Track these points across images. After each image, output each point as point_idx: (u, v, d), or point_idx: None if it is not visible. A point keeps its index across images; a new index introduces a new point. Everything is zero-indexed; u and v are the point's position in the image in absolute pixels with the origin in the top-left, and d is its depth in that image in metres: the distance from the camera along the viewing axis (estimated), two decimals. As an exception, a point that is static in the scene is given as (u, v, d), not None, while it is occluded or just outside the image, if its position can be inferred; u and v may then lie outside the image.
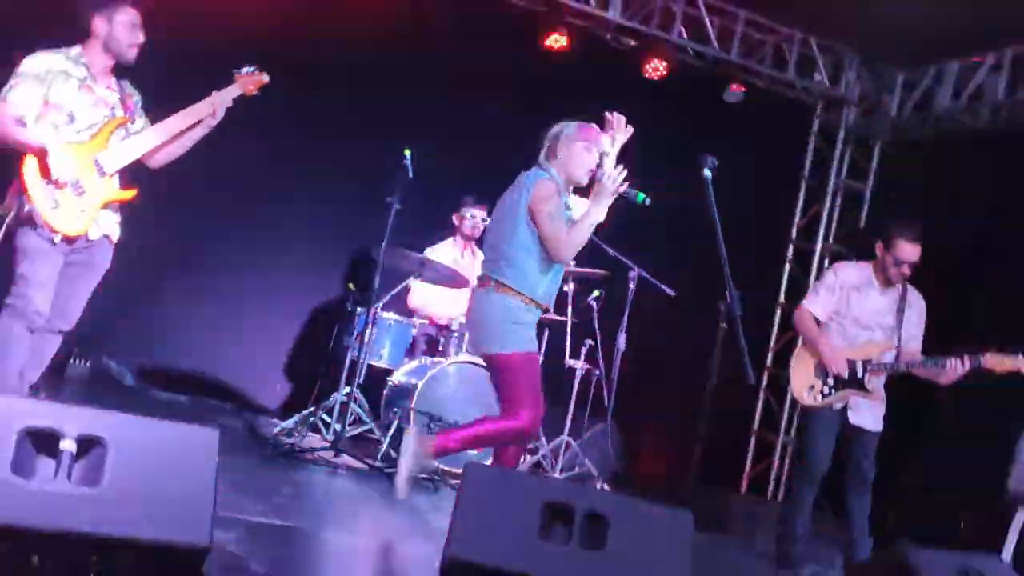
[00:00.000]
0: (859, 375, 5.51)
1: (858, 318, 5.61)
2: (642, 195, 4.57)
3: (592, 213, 4.53)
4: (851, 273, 5.71)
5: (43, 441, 2.64)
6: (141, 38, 4.71)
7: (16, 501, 2.53)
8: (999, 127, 8.46)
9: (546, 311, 4.79)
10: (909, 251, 5.51)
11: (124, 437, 2.70)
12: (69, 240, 4.53)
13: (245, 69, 4.91)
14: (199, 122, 4.81)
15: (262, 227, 7.70)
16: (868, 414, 5.58)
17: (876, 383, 5.54)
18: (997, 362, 5.29)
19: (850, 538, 5.58)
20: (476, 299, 4.75)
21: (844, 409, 5.55)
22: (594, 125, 4.72)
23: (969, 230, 5.72)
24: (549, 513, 3.26)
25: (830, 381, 5.53)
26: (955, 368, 5.35)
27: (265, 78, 4.93)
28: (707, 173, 4.36)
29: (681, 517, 3.39)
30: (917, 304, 5.71)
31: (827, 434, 5.55)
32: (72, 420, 2.68)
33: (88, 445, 2.67)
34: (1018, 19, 7.43)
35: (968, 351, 5.33)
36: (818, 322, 5.68)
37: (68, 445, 2.64)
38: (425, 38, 7.85)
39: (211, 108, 4.79)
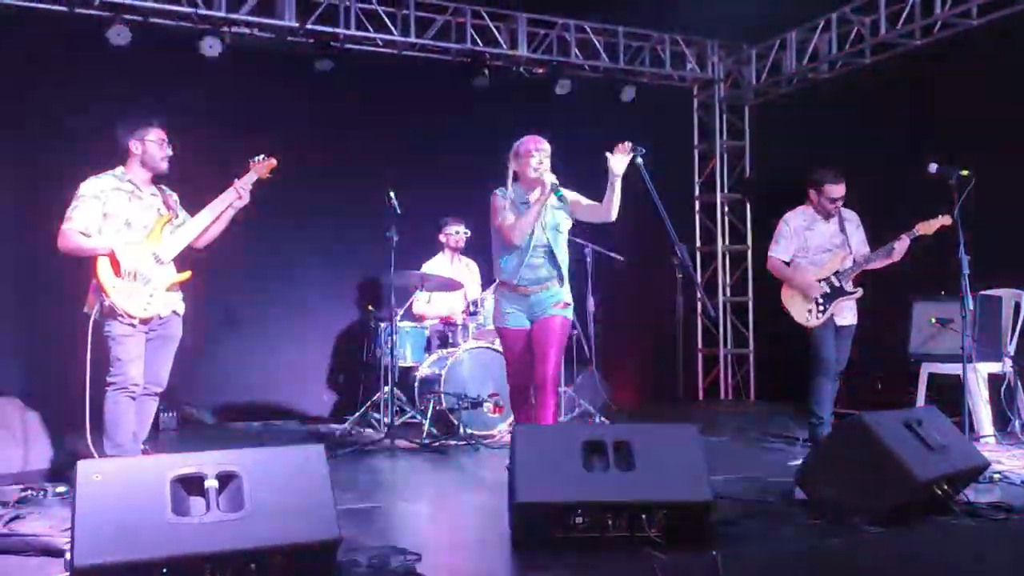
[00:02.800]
0: (838, 284, 5.59)
1: (819, 246, 5.69)
2: (559, 192, 4.57)
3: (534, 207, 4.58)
4: (797, 218, 5.75)
5: (191, 484, 2.62)
6: (170, 151, 4.64)
7: (183, 535, 2.51)
8: (836, 77, 8.57)
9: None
10: (835, 189, 5.62)
11: (253, 467, 2.68)
12: (145, 321, 4.49)
13: (258, 157, 4.85)
14: (229, 206, 4.76)
15: (286, 277, 7.68)
16: (848, 313, 5.67)
17: (851, 284, 5.62)
18: (926, 227, 5.43)
19: (821, 418, 5.59)
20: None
21: (832, 315, 5.61)
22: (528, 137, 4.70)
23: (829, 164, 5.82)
24: (587, 450, 3.29)
25: (820, 299, 5.59)
26: (901, 248, 5.48)
27: (274, 162, 4.86)
28: (639, 160, 4.38)
29: (688, 429, 3.43)
30: (853, 218, 5.81)
31: (829, 337, 5.61)
32: (209, 463, 2.66)
33: (227, 479, 2.65)
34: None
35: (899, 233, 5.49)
36: (786, 263, 5.73)
37: (211, 483, 2.62)
38: (388, 105, 7.88)
39: (237, 194, 4.73)
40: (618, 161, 4.45)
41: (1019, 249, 6.47)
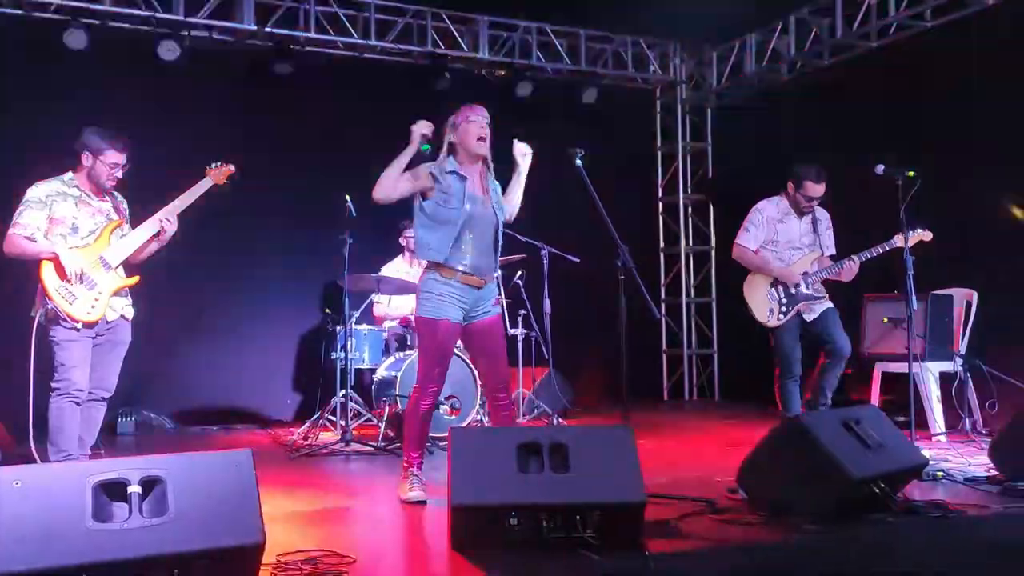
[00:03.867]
0: (804, 286, 5.53)
1: (789, 242, 5.58)
2: (427, 146, 4.21)
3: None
4: (771, 209, 5.63)
5: (113, 489, 2.60)
6: (119, 175, 4.61)
7: (104, 542, 2.49)
8: (796, 78, 8.63)
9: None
10: (815, 189, 5.51)
11: (178, 472, 2.66)
12: (90, 325, 4.47)
13: (214, 164, 4.83)
14: (161, 232, 4.66)
15: (246, 281, 7.69)
16: (817, 306, 5.55)
17: (819, 286, 5.58)
18: (903, 240, 5.32)
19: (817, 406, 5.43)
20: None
21: (799, 314, 5.54)
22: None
23: (792, 168, 5.81)
24: (522, 452, 3.30)
25: (784, 300, 5.51)
26: (850, 269, 5.43)
27: (231, 168, 4.86)
28: (578, 162, 4.37)
29: (624, 431, 3.44)
30: (825, 218, 5.71)
31: (794, 339, 5.50)
32: (133, 467, 2.64)
33: (150, 485, 2.63)
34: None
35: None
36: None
37: (134, 488, 2.60)
38: (348, 108, 7.86)
39: (159, 225, 4.62)
40: (521, 152, 4.34)
41: (972, 248, 6.54)
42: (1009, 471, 4.33)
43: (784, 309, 5.53)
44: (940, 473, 4.53)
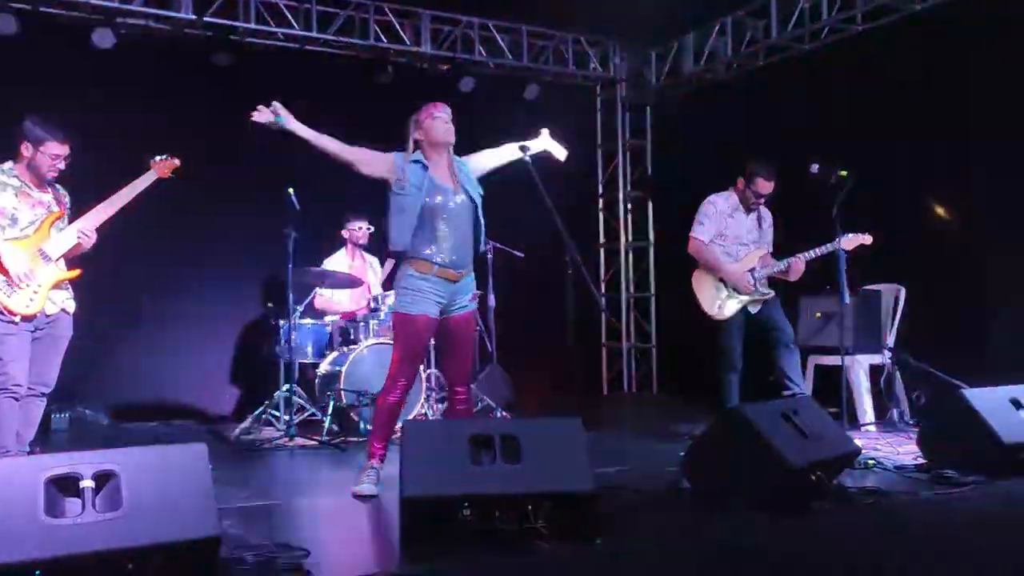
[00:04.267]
0: (753, 284, 5.62)
1: (737, 237, 5.66)
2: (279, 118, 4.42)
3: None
4: (722, 203, 5.69)
5: (66, 484, 2.59)
6: (61, 166, 4.52)
7: (57, 537, 2.48)
8: (732, 77, 8.81)
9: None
10: (765, 186, 5.60)
11: (132, 466, 2.66)
12: (28, 319, 4.39)
13: (159, 157, 4.77)
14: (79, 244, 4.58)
15: (186, 274, 7.53)
16: (759, 300, 5.65)
17: (765, 282, 5.66)
18: (848, 242, 5.46)
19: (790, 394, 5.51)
20: None
21: (745, 307, 5.63)
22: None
23: (730, 165, 5.93)
24: (474, 444, 3.35)
25: (733, 293, 5.62)
26: (797, 267, 5.53)
27: (176, 162, 4.80)
28: (527, 158, 4.44)
29: (572, 422, 3.51)
30: (768, 217, 5.83)
31: (738, 333, 5.59)
32: (85, 462, 2.63)
33: (104, 479, 2.63)
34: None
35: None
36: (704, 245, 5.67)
37: (87, 483, 2.60)
38: (289, 101, 7.70)
39: (77, 240, 4.54)
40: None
41: (899, 245, 6.75)
42: (936, 459, 4.52)
43: (731, 302, 5.65)
44: (871, 461, 4.70)
